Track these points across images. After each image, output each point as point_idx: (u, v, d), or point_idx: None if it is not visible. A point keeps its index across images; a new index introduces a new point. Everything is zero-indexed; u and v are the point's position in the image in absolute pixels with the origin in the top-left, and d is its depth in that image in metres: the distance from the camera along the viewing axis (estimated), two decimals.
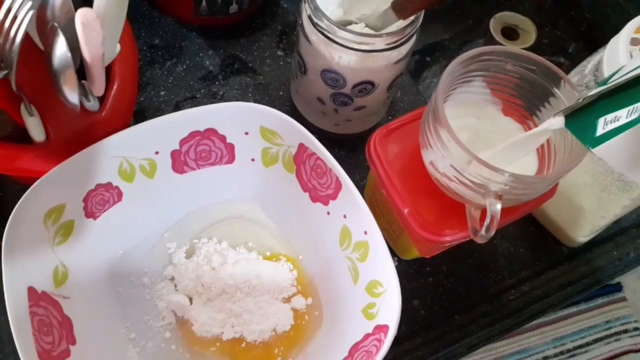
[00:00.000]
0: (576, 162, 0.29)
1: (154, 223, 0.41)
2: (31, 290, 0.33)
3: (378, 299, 0.35)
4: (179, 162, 0.40)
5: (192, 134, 0.39)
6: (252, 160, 0.41)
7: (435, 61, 0.55)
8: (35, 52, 0.30)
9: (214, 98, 0.48)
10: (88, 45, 0.26)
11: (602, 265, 0.45)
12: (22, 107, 0.33)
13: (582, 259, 0.45)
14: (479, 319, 0.41)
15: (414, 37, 0.38)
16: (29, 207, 0.34)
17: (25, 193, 0.33)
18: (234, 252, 0.40)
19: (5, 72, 0.28)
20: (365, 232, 0.36)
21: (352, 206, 0.36)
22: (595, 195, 0.39)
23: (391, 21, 0.38)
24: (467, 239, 0.35)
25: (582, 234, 0.43)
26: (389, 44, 0.36)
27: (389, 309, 0.33)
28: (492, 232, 0.30)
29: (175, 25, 0.51)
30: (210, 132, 0.39)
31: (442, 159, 0.30)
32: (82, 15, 0.25)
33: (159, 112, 0.47)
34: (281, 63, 0.51)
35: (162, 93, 0.48)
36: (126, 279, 0.39)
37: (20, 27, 0.27)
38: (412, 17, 0.37)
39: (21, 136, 0.35)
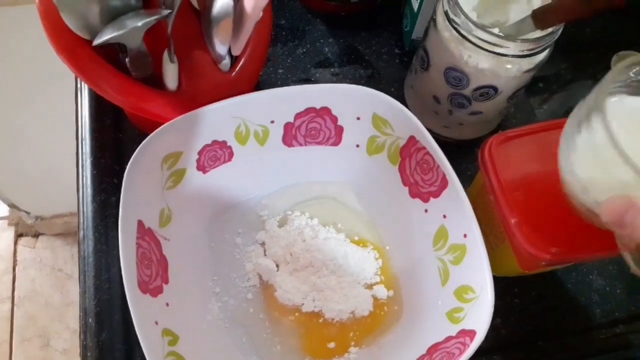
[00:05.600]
0: None
1: (254, 188, 0.42)
2: (140, 224, 0.35)
3: (467, 304, 0.34)
4: (290, 135, 0.41)
5: (308, 110, 0.40)
6: (357, 146, 0.42)
7: (548, 89, 0.53)
8: (189, 6, 0.33)
9: (327, 83, 0.49)
10: None
11: None
12: (165, 53, 0.35)
13: None
14: (565, 350, 0.39)
15: (549, 50, 0.37)
16: (152, 147, 0.36)
17: (153, 133, 0.36)
18: (324, 230, 0.41)
19: (170, 11, 0.30)
20: (465, 235, 0.35)
21: (455, 207, 0.36)
22: None
23: (527, 30, 0.37)
24: (573, 263, 0.33)
25: None
26: (522, 51, 0.36)
27: (479, 315, 0.32)
28: None
29: (302, 10, 0.53)
30: (325, 111, 0.40)
31: None
32: None
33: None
34: (397, 60, 0.51)
35: (280, 71, 0.50)
36: (220, 235, 0.41)
37: None
38: (550, 29, 0.36)
39: (155, 82, 0.37)
